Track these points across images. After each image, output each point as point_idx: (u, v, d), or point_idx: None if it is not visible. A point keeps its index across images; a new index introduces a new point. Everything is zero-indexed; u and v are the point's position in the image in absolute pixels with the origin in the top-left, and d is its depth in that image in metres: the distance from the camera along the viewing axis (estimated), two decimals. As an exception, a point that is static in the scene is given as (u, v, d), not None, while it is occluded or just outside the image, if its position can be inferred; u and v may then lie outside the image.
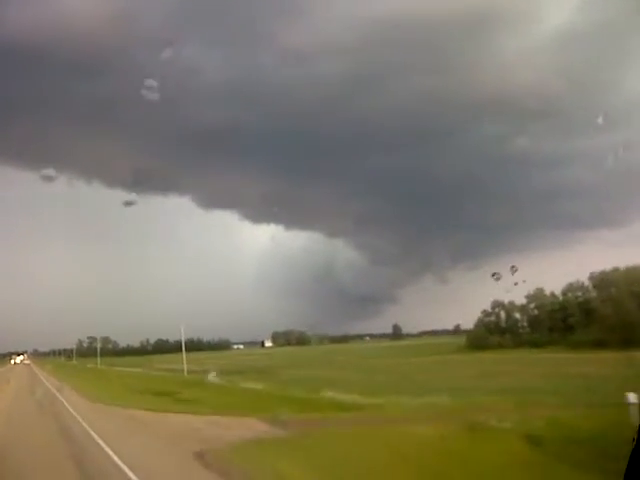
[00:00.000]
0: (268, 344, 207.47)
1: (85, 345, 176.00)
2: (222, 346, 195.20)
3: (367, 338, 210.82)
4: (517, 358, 57.36)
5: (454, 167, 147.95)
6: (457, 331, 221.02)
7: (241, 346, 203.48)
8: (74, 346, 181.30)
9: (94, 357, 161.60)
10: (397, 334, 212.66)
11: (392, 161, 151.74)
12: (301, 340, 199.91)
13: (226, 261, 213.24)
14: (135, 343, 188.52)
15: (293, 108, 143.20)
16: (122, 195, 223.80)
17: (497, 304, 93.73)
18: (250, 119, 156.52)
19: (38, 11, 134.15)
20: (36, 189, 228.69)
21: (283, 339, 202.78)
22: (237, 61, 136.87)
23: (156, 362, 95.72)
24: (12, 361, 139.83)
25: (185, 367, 62.52)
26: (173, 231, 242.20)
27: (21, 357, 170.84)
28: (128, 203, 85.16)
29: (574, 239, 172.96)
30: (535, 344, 74.29)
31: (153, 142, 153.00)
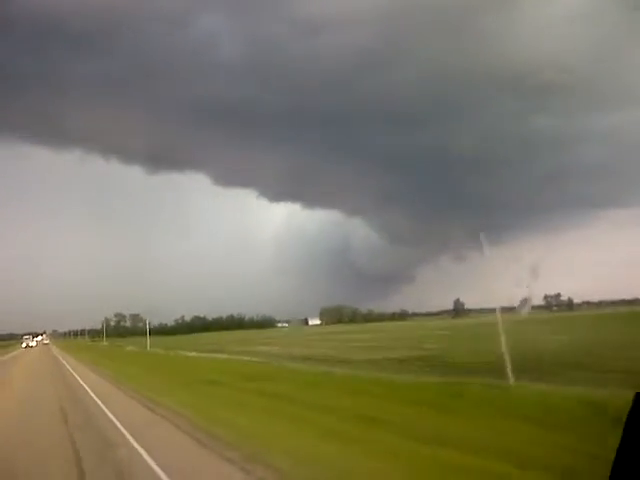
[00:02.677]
0: (313, 322, 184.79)
1: (112, 324, 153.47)
2: (266, 324, 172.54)
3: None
4: None
5: (472, 145, 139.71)
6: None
7: (285, 324, 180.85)
8: (96, 326, 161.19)
9: (124, 337, 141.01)
10: (459, 310, 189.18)
11: (410, 138, 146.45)
12: (353, 317, 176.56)
13: (248, 239, 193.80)
14: (168, 321, 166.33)
15: (311, 82, 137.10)
16: (139, 171, 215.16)
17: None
18: (267, 94, 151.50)
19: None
20: (53, 166, 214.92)
21: (334, 316, 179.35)
22: (254, 34, 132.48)
23: (214, 343, 72.01)
24: (23, 344, 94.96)
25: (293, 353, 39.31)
26: (193, 208, 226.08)
27: (39, 338, 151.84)
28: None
29: (591, 218, 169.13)
30: None
31: (170, 118, 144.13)
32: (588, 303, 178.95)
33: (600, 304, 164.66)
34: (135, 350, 60.27)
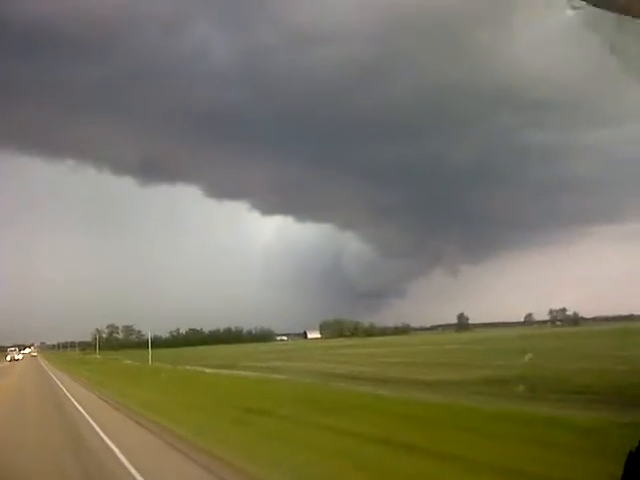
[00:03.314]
0: (312, 335, 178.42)
1: (105, 336, 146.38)
2: (264, 337, 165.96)
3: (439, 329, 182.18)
4: None
5: (465, 159, 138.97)
6: (527, 321, 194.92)
7: (284, 337, 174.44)
8: (86, 338, 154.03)
9: (116, 350, 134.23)
10: (463, 325, 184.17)
11: (403, 151, 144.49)
12: (354, 331, 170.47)
13: (240, 251, 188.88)
14: (162, 333, 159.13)
15: (305, 94, 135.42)
16: (131, 182, 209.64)
17: None
18: (260, 105, 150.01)
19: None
20: (43, 176, 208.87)
21: (334, 329, 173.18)
22: (247, 45, 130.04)
23: (220, 357, 66.15)
24: (8, 357, 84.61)
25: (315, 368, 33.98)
26: (184, 220, 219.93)
27: (27, 350, 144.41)
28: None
29: (582, 234, 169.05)
30: None
31: (162, 129, 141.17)
32: (594, 319, 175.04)
33: (601, 319, 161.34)
34: (136, 365, 54.29)
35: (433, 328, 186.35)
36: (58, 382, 33.27)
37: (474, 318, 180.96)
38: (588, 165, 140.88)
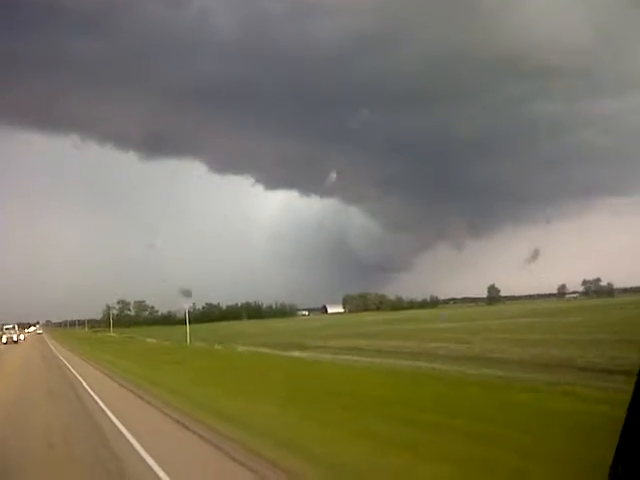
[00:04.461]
0: (333, 309, 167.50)
1: (115, 312, 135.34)
2: (285, 312, 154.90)
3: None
4: None
5: (472, 130, 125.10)
6: (560, 293, 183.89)
7: (305, 312, 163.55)
8: (93, 315, 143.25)
9: (128, 327, 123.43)
10: (494, 297, 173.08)
11: (411, 122, 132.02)
12: (380, 305, 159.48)
13: (247, 225, 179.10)
14: (175, 309, 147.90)
15: (309, 64, 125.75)
16: (135, 157, 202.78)
17: None
18: (264, 75, 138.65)
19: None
20: (46, 150, 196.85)
21: (358, 303, 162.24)
22: (249, 14, 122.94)
23: (266, 335, 54.72)
24: (3, 338, 60.61)
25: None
26: (189, 193, 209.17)
27: (31, 328, 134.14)
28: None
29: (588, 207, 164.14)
30: None
31: (166, 103, 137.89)
32: (629, 289, 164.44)
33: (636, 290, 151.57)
34: (170, 345, 42.63)
35: (461, 301, 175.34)
36: (76, 375, 21.65)
37: (504, 291, 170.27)
38: (599, 135, 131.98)
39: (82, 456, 8.70)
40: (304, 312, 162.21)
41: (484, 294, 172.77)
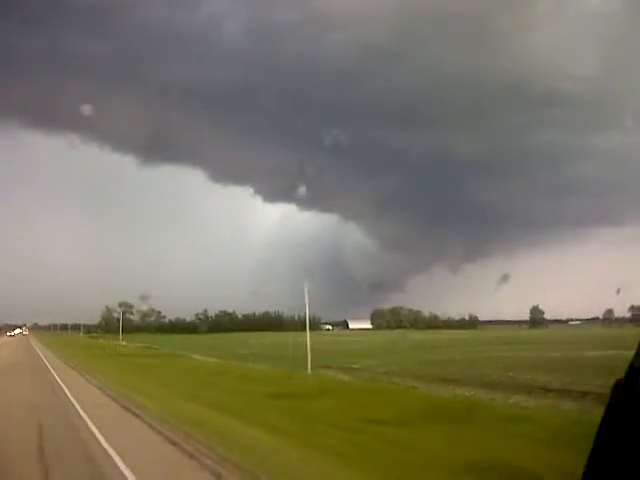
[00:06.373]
0: (357, 325, 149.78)
1: (116, 316, 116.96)
2: (309, 325, 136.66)
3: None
4: None
5: (471, 154, 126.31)
6: (607, 318, 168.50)
7: (329, 327, 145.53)
8: (87, 320, 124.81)
9: (132, 333, 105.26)
10: (537, 319, 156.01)
11: (411, 141, 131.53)
12: (414, 322, 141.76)
13: (248, 235, 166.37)
14: (185, 315, 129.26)
15: (313, 77, 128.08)
16: (134, 161, 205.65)
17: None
18: (267, 85, 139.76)
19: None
20: (43, 152, 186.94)
21: (389, 319, 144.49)
22: (259, 24, 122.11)
23: (344, 352, 37.11)
24: None
25: None
26: (188, 199, 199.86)
27: (17, 331, 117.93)
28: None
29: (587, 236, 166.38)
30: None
31: (169, 107, 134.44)
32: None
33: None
34: (278, 374, 24.54)
35: (499, 322, 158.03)
36: None
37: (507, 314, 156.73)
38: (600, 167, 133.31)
39: None
40: (328, 326, 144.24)
41: (526, 315, 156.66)
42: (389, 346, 51.13)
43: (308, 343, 23.92)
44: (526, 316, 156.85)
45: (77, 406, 14.20)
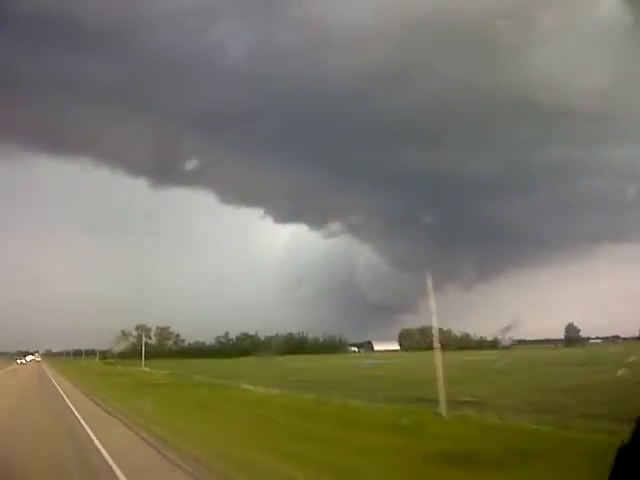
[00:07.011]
0: (383, 347, 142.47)
1: (132, 340, 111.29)
2: (335, 347, 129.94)
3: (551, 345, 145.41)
4: None
5: (483, 172, 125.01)
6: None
7: (354, 348, 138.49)
8: (102, 345, 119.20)
9: (150, 359, 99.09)
10: (573, 338, 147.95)
11: (420, 161, 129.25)
12: (446, 343, 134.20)
13: (261, 257, 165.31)
14: (206, 339, 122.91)
15: (323, 98, 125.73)
16: (146, 185, 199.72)
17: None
18: (275, 107, 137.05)
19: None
20: (51, 176, 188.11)
21: (418, 340, 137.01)
22: (265, 47, 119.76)
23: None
24: None
25: None
26: (201, 223, 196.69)
27: (29, 357, 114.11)
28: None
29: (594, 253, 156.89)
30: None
31: (179, 130, 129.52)
32: None
33: None
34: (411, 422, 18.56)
35: (532, 342, 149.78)
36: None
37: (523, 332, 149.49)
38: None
39: None
40: (354, 348, 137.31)
41: (561, 334, 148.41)
42: (462, 370, 44.30)
43: (440, 371, 17.27)
44: (557, 335, 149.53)
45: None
